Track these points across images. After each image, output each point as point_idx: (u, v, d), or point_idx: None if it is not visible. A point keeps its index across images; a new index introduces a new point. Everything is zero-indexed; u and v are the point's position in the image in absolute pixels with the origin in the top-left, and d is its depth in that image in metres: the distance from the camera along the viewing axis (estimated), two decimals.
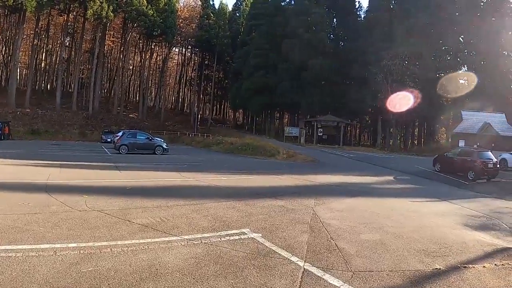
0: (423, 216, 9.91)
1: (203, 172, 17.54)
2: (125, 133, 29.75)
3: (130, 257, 5.34)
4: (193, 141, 47.57)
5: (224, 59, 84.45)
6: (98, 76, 67.11)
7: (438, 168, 23.70)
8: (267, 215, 8.61)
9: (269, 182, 15.22)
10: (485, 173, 20.62)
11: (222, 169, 19.75)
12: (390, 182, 18.55)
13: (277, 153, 30.81)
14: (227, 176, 16.39)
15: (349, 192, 13.55)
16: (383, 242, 6.91)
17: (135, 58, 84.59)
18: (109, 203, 8.95)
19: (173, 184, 13.36)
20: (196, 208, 9.01)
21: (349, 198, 12.00)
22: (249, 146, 33.36)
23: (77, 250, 5.48)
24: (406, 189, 16.47)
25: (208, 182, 14.05)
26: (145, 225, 7.11)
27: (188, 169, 18.55)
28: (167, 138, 49.21)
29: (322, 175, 18.70)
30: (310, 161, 28.12)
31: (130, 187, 11.91)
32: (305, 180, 16.44)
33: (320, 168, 23.53)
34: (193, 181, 14.21)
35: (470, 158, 21.34)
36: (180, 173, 16.37)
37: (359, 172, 22.22)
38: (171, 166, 19.52)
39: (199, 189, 12.65)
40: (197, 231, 6.95)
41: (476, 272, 5.66)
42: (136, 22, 64.62)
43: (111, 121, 63.20)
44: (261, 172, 18.93)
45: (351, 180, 17.51)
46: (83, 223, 7.03)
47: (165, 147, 28.99)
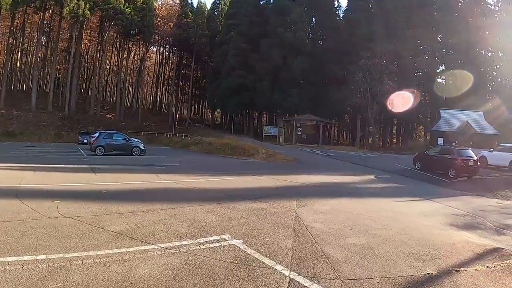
0: (408, 217, 9.70)
1: (181, 173, 17.06)
2: (101, 134, 29.09)
3: (102, 270, 4.91)
4: (171, 142, 46.88)
5: (202, 59, 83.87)
6: (75, 76, 65.72)
7: (419, 166, 23.59)
8: (248, 219, 8.20)
9: (249, 184, 14.79)
10: (466, 171, 20.55)
11: (201, 170, 19.23)
12: (371, 181, 18.34)
13: (256, 153, 30.43)
14: (205, 177, 15.86)
15: (332, 192, 13.27)
16: (370, 246, 6.58)
17: (112, 57, 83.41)
18: (82, 209, 8.42)
19: (150, 187, 12.80)
20: (174, 212, 8.53)
21: (332, 199, 11.67)
22: (228, 146, 32.95)
23: (46, 263, 5.02)
24: (388, 188, 16.30)
25: (186, 184, 13.55)
26: (119, 233, 6.63)
27: (165, 170, 18.01)
28: (145, 139, 49.14)
29: (303, 175, 18.34)
30: (290, 161, 27.74)
31: (105, 190, 11.34)
32: (286, 180, 16.06)
33: (301, 168, 23.19)
34: (170, 183, 13.72)
35: (450, 156, 21.29)
36: (158, 175, 15.83)
37: (340, 171, 21.99)
38: (148, 168, 18.96)
39: (177, 192, 12.18)
40: (174, 238, 6.50)
41: (469, 276, 5.41)
42: (113, 20, 63.61)
43: (88, 122, 62.01)
44: (241, 173, 18.50)
45: (333, 180, 17.22)
46: (53, 231, 6.53)
47: (142, 148, 28.34)
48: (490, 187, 17.41)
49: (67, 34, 71.32)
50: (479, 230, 8.63)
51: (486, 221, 9.69)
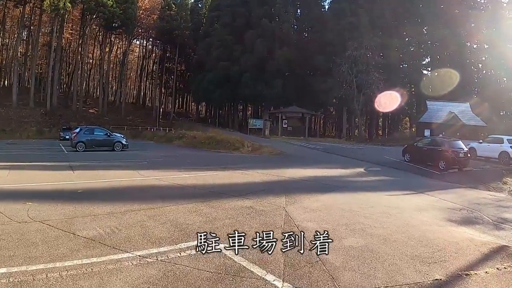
0: (404, 212, 9.22)
1: (164, 169, 16.20)
2: (82, 130, 27.99)
3: (68, 286, 4.25)
4: (154, 136, 45.97)
5: (186, 52, 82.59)
6: (56, 70, 63.94)
7: (408, 158, 23.21)
8: (234, 219, 7.53)
9: (234, 179, 14.06)
10: (456, 162, 20.22)
11: (184, 165, 18.46)
12: (362, 174, 17.79)
13: (242, 146, 29.76)
14: (189, 173, 15.08)
15: (322, 187, 12.65)
16: (370, 249, 5.98)
17: (94, 51, 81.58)
18: (55, 211, 7.70)
19: (130, 184, 12.07)
20: (154, 213, 7.82)
21: (323, 195, 11.05)
22: (213, 139, 32.22)
23: (6, 278, 4.39)
24: (379, 181, 15.75)
25: (169, 180, 12.79)
26: (92, 239, 5.94)
27: (148, 166, 17.17)
28: (129, 133, 48.24)
29: (291, 169, 17.67)
30: (276, 154, 27.01)
31: (82, 190, 10.56)
32: (273, 175, 15.42)
33: (288, 161, 22.49)
34: (152, 180, 12.92)
35: (440, 148, 20.92)
36: (139, 171, 15.00)
37: (328, 164, 21.45)
38: (130, 164, 18.12)
39: (158, 189, 11.41)
40: (152, 243, 5.82)
41: (481, 280, 4.92)
42: (95, 13, 62.10)
43: (70, 117, 60.26)
44: (226, 167, 17.78)
45: (322, 173, 16.63)
46: (20, 239, 5.85)
47: (124, 143, 27.45)
48: (482, 179, 17.11)
49: (48, 28, 69.35)
50: (478, 225, 8.28)
51: (483, 215, 9.40)
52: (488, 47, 53.99)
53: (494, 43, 51.00)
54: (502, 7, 53.98)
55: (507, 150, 23.07)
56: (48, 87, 61.45)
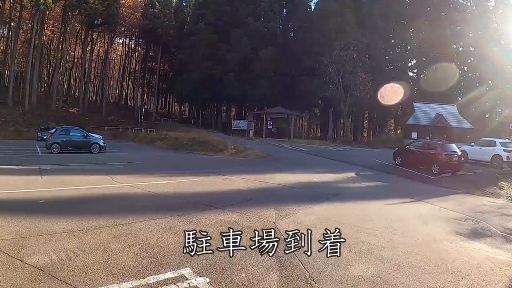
0: (409, 225, 8.40)
1: (141, 174, 14.86)
2: (57, 130, 26.37)
3: None
4: (136, 137, 44.47)
5: (170, 51, 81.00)
6: (36, 68, 61.88)
7: (399, 162, 22.31)
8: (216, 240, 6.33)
9: (217, 186, 12.79)
10: (450, 166, 19.55)
11: (164, 169, 17.15)
12: (354, 179, 16.66)
13: (225, 149, 28.42)
14: (168, 178, 13.77)
15: (314, 195, 11.49)
16: (384, 279, 4.91)
17: (76, 49, 79.64)
18: (6, 228, 6.42)
19: (100, 193, 10.67)
20: (121, 231, 6.56)
21: (316, 205, 9.90)
22: (195, 141, 30.89)
23: None
24: (374, 187, 14.71)
25: (144, 188, 11.42)
26: (41, 269, 4.72)
27: (123, 171, 15.85)
28: (109, 134, 47.31)
29: (278, 174, 16.48)
30: (262, 157, 25.69)
31: (45, 200, 9.21)
32: (259, 181, 14.15)
33: (275, 165, 21.15)
34: (125, 188, 11.59)
35: (434, 151, 20.14)
36: (113, 176, 13.59)
37: (317, 168, 20.34)
38: (105, 168, 16.71)
39: (131, 199, 10.08)
40: (114, 277, 4.62)
41: None
42: (77, 10, 60.35)
43: (50, 117, 58.11)
44: (208, 172, 16.35)
45: (312, 178, 15.52)
46: None
47: (102, 144, 25.94)
48: (477, 183, 16.56)
49: (29, 24, 67.17)
50: (488, 239, 7.78)
51: (489, 225, 8.94)
52: (473, 50, 54.32)
53: (480, 46, 51.11)
54: (489, 10, 54.22)
55: (500, 153, 22.58)
56: (28, 86, 59.46)
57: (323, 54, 48.70)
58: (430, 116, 43.76)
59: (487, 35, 50.51)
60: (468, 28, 53.07)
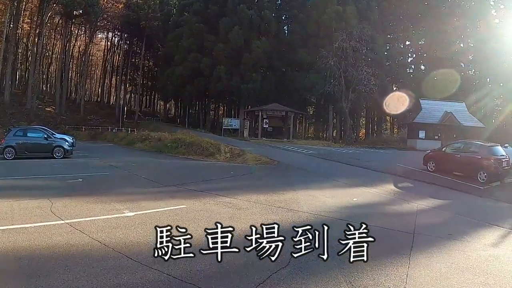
0: None
1: (100, 195, 9.81)
2: (13, 131, 22.26)
3: None
4: (115, 138, 39.64)
5: (155, 45, 76.27)
6: (9, 63, 56.93)
7: (432, 168, 18.65)
8: None
9: (210, 220, 7.21)
10: (500, 173, 15.97)
11: (137, 185, 12.37)
12: (400, 196, 12.16)
13: (218, 152, 23.65)
14: (138, 205, 8.80)
15: (380, 238, 6.42)
16: None
17: (55, 44, 75.18)
18: None
19: (11, 247, 5.85)
20: None
21: (404, 266, 5.45)
22: (181, 142, 26.05)
23: None
24: (437, 211, 10.33)
25: (91, 232, 6.51)
26: None
27: (77, 189, 10.87)
28: (87, 135, 44.38)
29: (300, 192, 11.69)
30: (265, 163, 20.87)
31: None
32: (281, 207, 9.24)
33: (286, 175, 16.34)
34: (60, 232, 6.52)
35: (480, 155, 16.60)
36: (55, 203, 8.56)
37: (339, 178, 15.85)
38: (54, 183, 11.88)
39: (54, 266, 5.07)
40: None
41: None
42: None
43: (23, 117, 53.80)
44: (199, 189, 11.26)
45: (350, 198, 11.17)
46: None
47: (67, 147, 21.14)
48: None
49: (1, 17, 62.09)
50: None
51: None
52: (473, 45, 52.49)
53: (478, 40, 50.10)
54: (488, 5, 52.85)
55: None
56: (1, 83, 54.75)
57: (322, 46, 44.49)
58: (438, 114, 40.82)
59: (487, 31, 49.37)
60: (467, 22, 51.42)
